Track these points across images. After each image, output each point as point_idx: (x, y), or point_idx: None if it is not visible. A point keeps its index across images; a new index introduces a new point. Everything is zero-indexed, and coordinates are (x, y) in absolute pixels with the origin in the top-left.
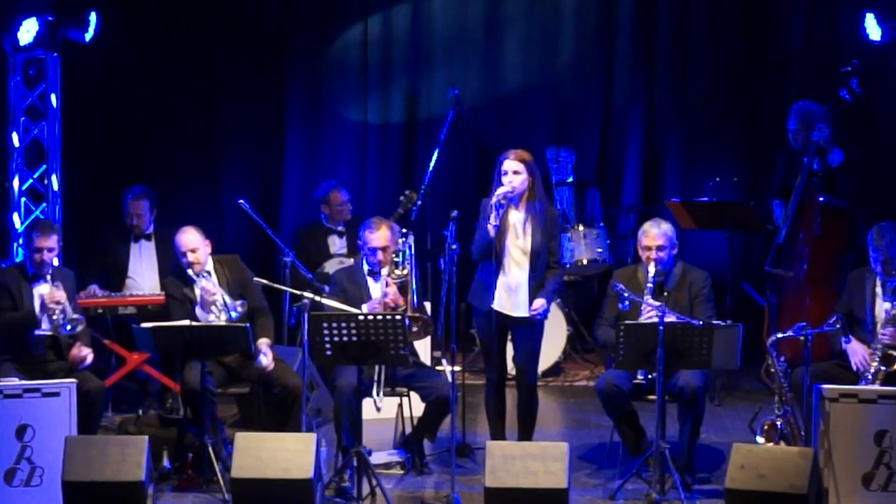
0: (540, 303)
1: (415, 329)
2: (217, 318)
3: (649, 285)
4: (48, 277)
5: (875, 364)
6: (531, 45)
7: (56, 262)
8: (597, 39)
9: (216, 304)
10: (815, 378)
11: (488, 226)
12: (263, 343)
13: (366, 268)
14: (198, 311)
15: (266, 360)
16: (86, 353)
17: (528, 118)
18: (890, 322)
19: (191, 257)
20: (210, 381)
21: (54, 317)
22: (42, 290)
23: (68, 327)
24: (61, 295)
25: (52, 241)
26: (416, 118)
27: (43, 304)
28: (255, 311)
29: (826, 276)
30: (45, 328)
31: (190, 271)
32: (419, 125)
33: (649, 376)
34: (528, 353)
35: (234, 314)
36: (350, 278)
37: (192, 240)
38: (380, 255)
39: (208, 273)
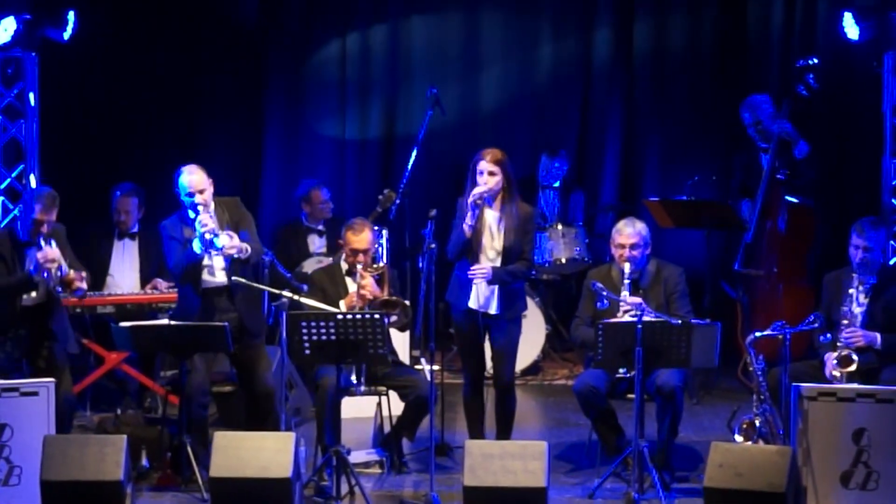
0: (484, 269)
1: (393, 317)
2: (216, 256)
3: (626, 282)
4: (41, 242)
5: (838, 370)
6: (510, 45)
7: None
8: (576, 39)
9: (215, 236)
10: (793, 377)
11: (464, 226)
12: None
13: (344, 267)
14: (196, 245)
15: (227, 238)
16: (83, 284)
17: (507, 117)
18: (852, 323)
19: (198, 198)
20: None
21: (46, 267)
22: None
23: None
24: (55, 253)
25: (53, 216)
26: (396, 115)
27: (38, 266)
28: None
29: (797, 272)
30: (33, 296)
31: (200, 208)
32: (399, 119)
33: (629, 374)
34: (505, 351)
35: (221, 244)
36: (329, 278)
37: (200, 180)
38: (361, 258)
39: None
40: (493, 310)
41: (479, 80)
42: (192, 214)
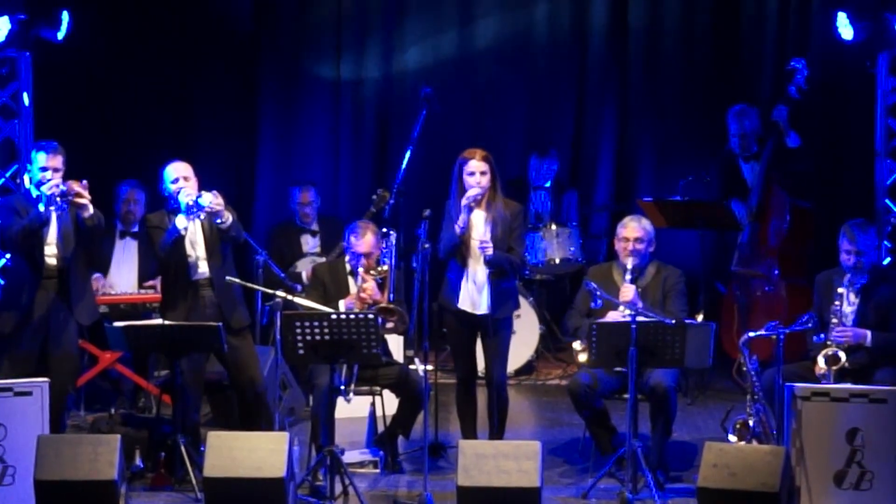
0: (490, 243)
1: (390, 324)
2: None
3: (628, 276)
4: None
5: (825, 368)
6: (505, 46)
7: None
8: (570, 40)
9: (198, 196)
10: (786, 378)
11: (456, 226)
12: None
13: (348, 267)
14: (179, 219)
15: (210, 195)
16: (85, 192)
17: (501, 118)
18: (842, 322)
19: (184, 183)
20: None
21: (50, 192)
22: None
23: (59, 201)
24: (57, 177)
25: (59, 162)
26: (389, 113)
27: (47, 200)
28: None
29: (798, 271)
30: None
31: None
32: (392, 118)
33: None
34: (496, 352)
35: (205, 202)
36: (331, 274)
37: (186, 168)
38: (363, 261)
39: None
40: (483, 310)
41: (474, 81)
42: (175, 205)
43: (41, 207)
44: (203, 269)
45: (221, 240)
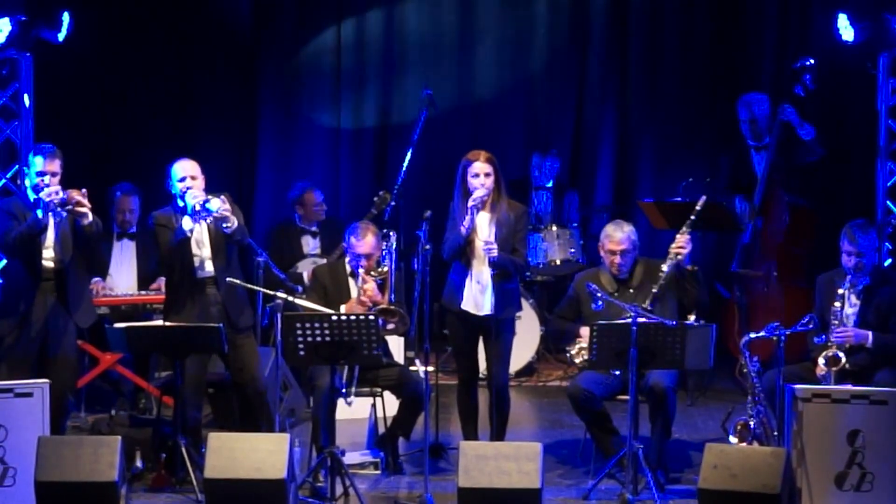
0: (494, 245)
1: (391, 325)
2: (204, 222)
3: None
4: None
5: (825, 369)
6: (504, 47)
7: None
8: (570, 41)
9: (206, 201)
10: (787, 379)
11: (462, 228)
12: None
13: (348, 269)
14: (185, 221)
15: (218, 201)
16: (84, 200)
17: (501, 119)
18: (842, 322)
19: (190, 182)
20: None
21: (49, 199)
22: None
23: (58, 209)
24: (54, 181)
25: (56, 166)
26: (389, 121)
27: (46, 206)
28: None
29: (797, 273)
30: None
31: (188, 181)
32: (391, 127)
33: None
34: (499, 353)
35: (214, 207)
36: (332, 276)
37: (193, 167)
38: (363, 262)
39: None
40: (487, 310)
41: (473, 83)
42: (182, 203)
43: (39, 214)
44: (209, 268)
45: (226, 240)
